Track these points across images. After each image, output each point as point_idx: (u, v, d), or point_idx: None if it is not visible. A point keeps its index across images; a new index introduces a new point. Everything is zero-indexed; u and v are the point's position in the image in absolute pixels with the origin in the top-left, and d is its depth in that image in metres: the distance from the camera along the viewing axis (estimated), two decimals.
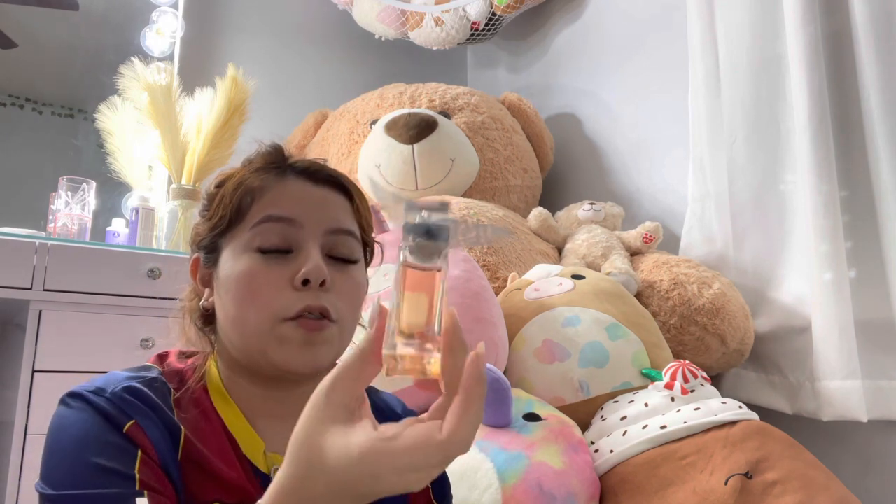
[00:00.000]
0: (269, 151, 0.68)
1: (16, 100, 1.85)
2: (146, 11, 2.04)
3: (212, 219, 0.65)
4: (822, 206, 1.35)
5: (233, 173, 0.67)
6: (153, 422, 0.56)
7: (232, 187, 0.64)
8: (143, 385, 0.59)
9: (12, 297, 1.28)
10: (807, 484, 0.88)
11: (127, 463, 0.54)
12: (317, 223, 0.63)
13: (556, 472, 0.91)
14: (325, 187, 0.66)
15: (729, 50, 1.57)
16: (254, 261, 0.61)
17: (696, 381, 1.04)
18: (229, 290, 0.61)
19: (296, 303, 0.59)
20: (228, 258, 0.63)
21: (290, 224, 0.62)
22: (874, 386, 1.32)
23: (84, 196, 1.67)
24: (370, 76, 2.35)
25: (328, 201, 0.66)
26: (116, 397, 0.56)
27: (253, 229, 0.62)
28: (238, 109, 1.82)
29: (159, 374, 0.62)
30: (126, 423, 0.55)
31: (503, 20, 2.20)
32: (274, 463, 0.62)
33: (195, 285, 0.68)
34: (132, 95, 1.80)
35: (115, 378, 0.59)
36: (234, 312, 0.61)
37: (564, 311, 1.20)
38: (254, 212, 0.63)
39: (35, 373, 1.27)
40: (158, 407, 0.58)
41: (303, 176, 0.66)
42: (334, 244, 0.64)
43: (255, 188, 0.64)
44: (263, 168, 0.66)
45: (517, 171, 1.90)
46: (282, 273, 0.60)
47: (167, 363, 0.65)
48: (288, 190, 0.64)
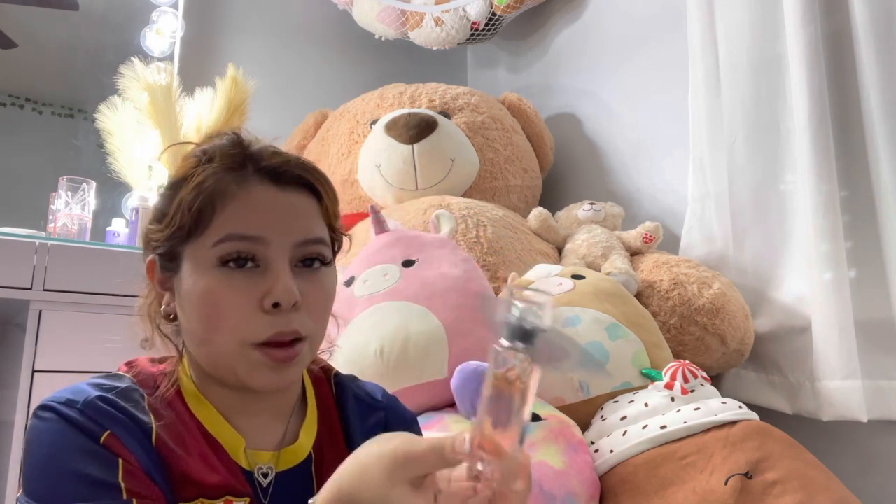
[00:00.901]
0: (228, 148, 0.62)
1: (16, 100, 1.85)
2: (146, 11, 2.03)
3: (169, 226, 0.60)
4: (822, 206, 1.35)
5: (188, 172, 0.61)
6: (128, 430, 0.56)
7: (191, 194, 0.59)
8: (114, 395, 0.57)
9: (12, 297, 1.28)
10: (807, 484, 0.88)
11: (110, 473, 0.53)
12: (284, 237, 0.59)
13: (556, 472, 0.91)
14: (292, 191, 0.62)
15: (729, 50, 1.57)
16: (217, 279, 0.57)
17: (696, 381, 1.04)
18: (193, 307, 0.59)
19: (265, 328, 0.57)
20: (190, 272, 0.59)
21: (256, 242, 0.58)
22: (874, 386, 1.32)
23: (84, 196, 1.67)
24: (370, 76, 2.35)
25: (296, 210, 0.61)
26: (89, 408, 0.55)
27: (216, 247, 0.58)
28: (238, 109, 1.82)
29: (130, 381, 0.61)
30: (101, 434, 0.54)
31: (503, 20, 2.20)
32: (256, 460, 0.62)
33: (153, 288, 0.64)
34: (132, 95, 1.80)
35: (84, 389, 0.57)
36: (200, 333, 0.59)
37: (564, 311, 1.20)
38: (216, 224, 0.58)
39: (35, 373, 1.27)
40: (131, 415, 0.57)
41: (267, 178, 0.61)
42: (304, 254, 0.61)
43: (215, 195, 0.59)
44: (223, 169, 0.60)
45: (517, 171, 1.89)
46: (248, 292, 0.57)
47: (138, 369, 0.63)
48: (251, 200, 0.59)
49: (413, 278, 1.13)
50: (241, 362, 0.58)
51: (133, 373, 0.62)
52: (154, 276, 0.63)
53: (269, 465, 0.62)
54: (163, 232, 0.61)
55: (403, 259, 1.18)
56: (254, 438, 0.62)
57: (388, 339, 1.05)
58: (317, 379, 0.71)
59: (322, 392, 0.71)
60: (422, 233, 1.28)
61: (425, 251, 1.19)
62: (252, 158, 0.62)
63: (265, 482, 0.61)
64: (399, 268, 1.16)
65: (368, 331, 1.07)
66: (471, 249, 1.42)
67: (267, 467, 0.62)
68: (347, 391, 0.72)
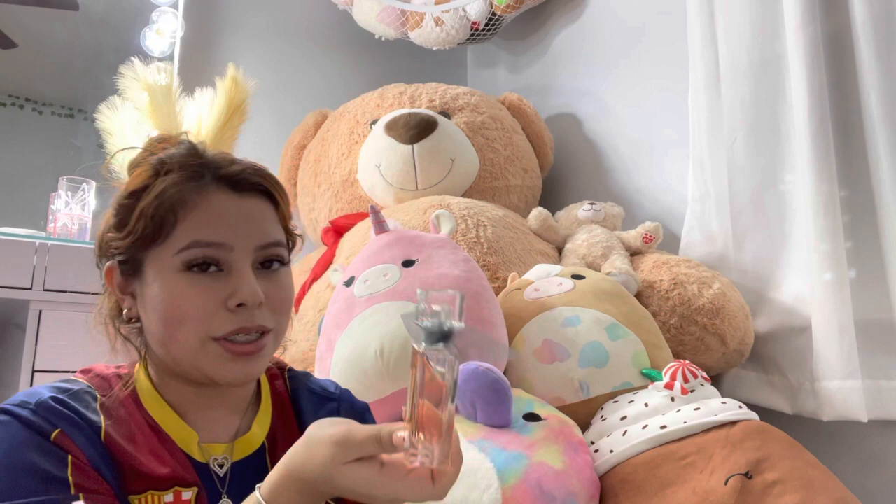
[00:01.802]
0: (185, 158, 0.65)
1: (16, 100, 1.85)
2: (146, 11, 2.04)
3: (131, 234, 0.63)
4: (822, 206, 1.35)
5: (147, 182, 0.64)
6: (78, 428, 0.58)
7: (151, 203, 0.62)
8: (66, 397, 0.60)
9: (12, 297, 1.29)
10: (807, 484, 0.88)
11: (60, 468, 0.55)
12: (246, 242, 0.63)
13: (556, 472, 0.91)
14: (250, 198, 0.65)
15: (729, 50, 1.57)
16: (183, 283, 0.61)
17: (696, 381, 1.04)
18: (157, 310, 0.61)
19: (228, 324, 0.61)
20: (154, 278, 0.62)
21: (220, 248, 0.61)
22: (874, 386, 1.32)
23: (84, 196, 1.67)
24: (370, 76, 2.35)
25: (254, 215, 0.65)
26: (41, 408, 0.58)
27: (180, 254, 0.61)
28: (238, 109, 1.82)
29: (86, 384, 0.64)
30: (52, 431, 0.57)
31: (503, 20, 2.20)
32: (210, 453, 0.65)
33: (112, 292, 0.67)
34: (132, 95, 1.79)
35: (38, 392, 0.60)
36: (162, 332, 0.62)
37: (564, 311, 1.20)
38: (178, 233, 0.61)
39: (35, 373, 1.27)
40: (82, 414, 0.59)
41: (226, 186, 0.64)
42: (265, 256, 0.65)
43: (176, 204, 0.62)
44: (182, 179, 0.63)
45: (517, 171, 1.89)
46: (214, 294, 0.60)
47: (93, 374, 0.66)
48: (213, 208, 0.63)
49: (413, 278, 1.13)
50: (204, 357, 0.61)
51: (88, 377, 0.65)
52: (113, 281, 0.66)
53: (224, 455, 0.65)
54: (123, 240, 0.63)
55: (403, 259, 1.18)
56: (209, 432, 0.66)
57: (389, 339, 1.05)
58: (272, 374, 0.76)
59: (277, 386, 0.75)
60: (422, 233, 1.28)
61: (425, 251, 1.19)
62: (210, 167, 0.65)
63: (221, 472, 0.65)
64: (399, 268, 1.16)
65: (369, 331, 1.07)
66: (471, 249, 1.42)
67: (222, 458, 0.65)
68: (301, 385, 0.76)
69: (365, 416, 0.78)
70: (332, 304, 1.21)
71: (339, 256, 1.57)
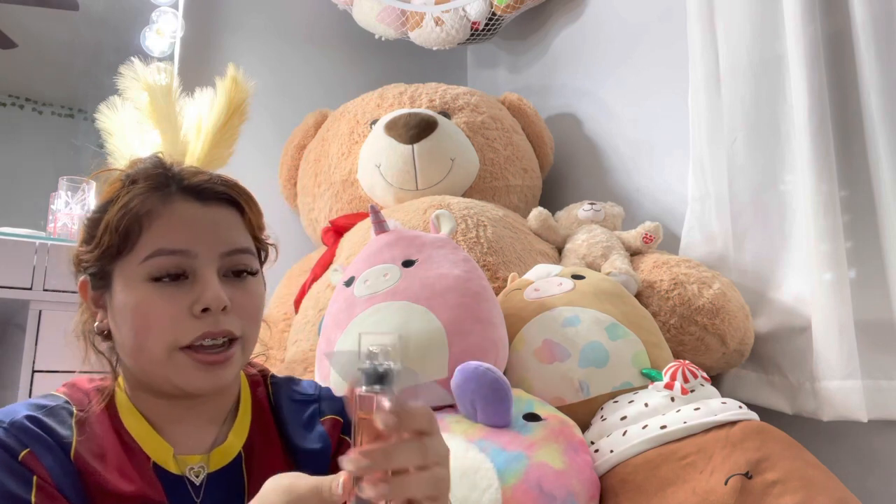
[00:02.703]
0: (151, 170, 0.66)
1: (16, 100, 1.85)
2: (146, 11, 2.03)
3: (98, 247, 0.63)
4: (822, 206, 1.35)
5: (114, 196, 0.65)
6: (48, 448, 0.58)
7: (117, 215, 0.62)
8: (42, 414, 0.61)
9: (12, 297, 1.29)
10: (807, 484, 0.88)
11: (24, 489, 0.56)
12: (210, 249, 0.63)
13: (556, 472, 0.91)
14: (214, 206, 0.66)
15: (729, 50, 1.57)
16: (149, 291, 0.61)
17: (696, 381, 1.04)
18: (125, 320, 0.62)
19: (193, 330, 0.61)
20: (122, 288, 0.62)
21: (184, 255, 0.62)
22: (874, 386, 1.32)
23: (84, 196, 1.67)
24: (370, 76, 2.35)
25: (219, 223, 0.65)
26: (14, 427, 0.58)
27: (145, 262, 0.61)
28: (238, 109, 1.82)
29: (64, 400, 0.64)
30: (21, 451, 0.57)
31: (503, 20, 2.20)
32: (186, 464, 0.65)
33: (87, 306, 0.68)
34: (132, 95, 1.79)
35: (14, 410, 0.61)
36: (131, 342, 0.62)
37: (564, 311, 1.20)
38: (143, 242, 0.62)
39: (35, 373, 1.27)
40: (54, 433, 0.60)
41: (190, 196, 0.65)
42: (230, 264, 0.65)
43: (141, 215, 0.62)
44: (148, 190, 0.64)
45: (517, 171, 1.89)
46: (180, 301, 0.61)
47: (75, 388, 0.66)
48: (176, 217, 0.63)
49: (413, 278, 1.13)
50: (171, 367, 0.61)
51: (68, 391, 0.66)
52: (87, 295, 0.67)
53: (200, 464, 0.65)
54: (92, 252, 0.64)
55: (403, 259, 1.18)
56: (185, 444, 0.66)
57: None
58: (253, 381, 0.75)
59: (258, 394, 0.74)
60: (422, 233, 1.28)
61: (425, 251, 1.19)
62: (175, 178, 0.66)
63: (198, 481, 0.65)
64: (399, 268, 1.16)
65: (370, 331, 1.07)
66: (471, 249, 1.42)
67: (199, 466, 0.65)
68: (282, 391, 0.76)
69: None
70: (332, 304, 1.21)
71: (339, 256, 1.57)
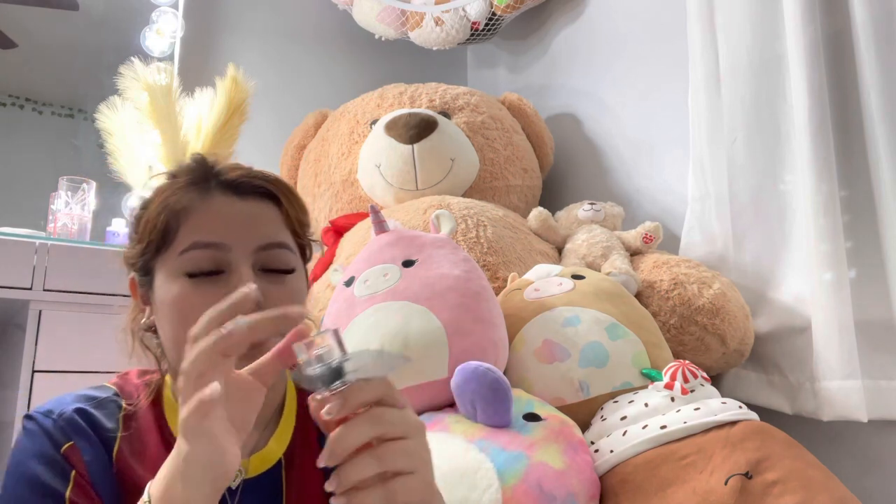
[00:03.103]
0: (192, 166, 0.66)
1: (16, 100, 1.85)
2: (146, 11, 2.03)
3: (140, 242, 0.64)
4: (822, 206, 1.35)
5: (157, 193, 0.65)
6: (91, 443, 0.59)
7: (156, 211, 0.63)
8: (91, 407, 0.61)
9: (12, 297, 1.28)
10: (807, 484, 0.88)
11: (60, 483, 0.56)
12: (246, 243, 0.62)
13: (556, 473, 0.91)
14: (252, 200, 0.65)
15: (729, 50, 1.57)
16: (185, 286, 0.61)
17: (696, 381, 1.04)
18: (164, 314, 0.62)
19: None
20: (162, 283, 0.62)
21: (219, 248, 0.61)
22: (874, 386, 1.32)
23: (84, 196, 1.67)
24: (370, 76, 2.35)
25: (256, 217, 0.64)
26: (62, 419, 0.59)
27: (181, 256, 0.61)
28: (238, 109, 1.82)
29: (114, 392, 0.64)
30: (64, 444, 0.58)
31: (503, 20, 2.20)
32: None
33: (137, 303, 0.68)
34: (132, 95, 1.79)
35: (65, 400, 0.61)
36: (171, 336, 0.62)
37: (564, 311, 1.20)
38: (181, 236, 0.62)
39: (35, 373, 1.27)
40: (100, 427, 0.60)
41: (228, 190, 0.64)
42: (267, 259, 0.63)
43: (179, 210, 0.62)
44: (187, 185, 0.64)
45: (517, 171, 1.89)
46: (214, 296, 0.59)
47: (126, 381, 0.67)
48: (213, 210, 0.63)
49: (413, 278, 1.13)
50: None
51: (120, 384, 0.66)
52: (136, 291, 0.68)
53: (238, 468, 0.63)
54: (135, 249, 0.65)
55: (403, 259, 1.18)
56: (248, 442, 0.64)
57: (389, 339, 1.05)
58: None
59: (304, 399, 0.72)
60: (422, 233, 1.28)
61: (425, 251, 1.19)
62: (213, 173, 0.65)
63: (234, 485, 0.64)
64: (399, 268, 1.16)
65: (369, 331, 1.07)
66: (471, 249, 1.42)
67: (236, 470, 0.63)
68: None
69: None
70: (332, 304, 1.21)
71: (339, 256, 1.57)
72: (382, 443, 0.46)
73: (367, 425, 0.45)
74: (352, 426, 0.45)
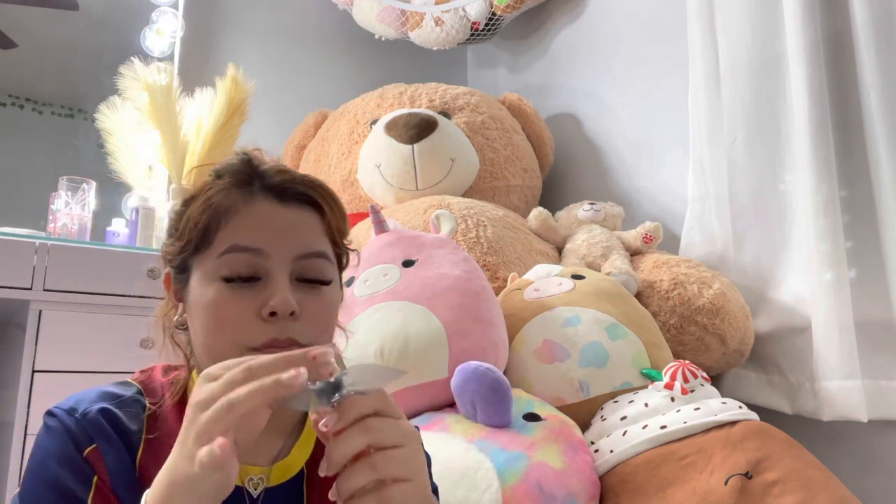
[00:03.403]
0: (237, 167, 0.65)
1: (16, 100, 1.85)
2: (146, 11, 2.03)
3: (180, 240, 0.63)
4: (822, 206, 1.35)
5: (199, 191, 0.64)
6: (114, 446, 0.58)
7: (198, 209, 0.62)
8: (115, 406, 0.60)
9: (12, 297, 1.28)
10: (807, 484, 0.88)
11: (82, 489, 0.55)
12: (284, 250, 0.61)
13: (556, 473, 0.91)
14: (294, 206, 0.64)
15: (729, 50, 1.57)
16: (221, 290, 0.60)
17: (696, 381, 1.04)
18: (198, 316, 0.61)
19: (262, 334, 0.59)
20: (197, 283, 0.62)
21: (257, 254, 0.60)
22: (874, 386, 1.32)
23: (84, 196, 1.67)
24: (370, 76, 2.35)
25: (296, 225, 0.63)
26: (86, 420, 0.58)
27: (219, 258, 0.60)
28: (238, 109, 1.82)
29: (137, 390, 0.63)
30: (87, 446, 0.57)
31: (503, 20, 2.20)
32: (247, 473, 0.63)
33: (170, 297, 0.67)
34: (132, 95, 1.80)
35: (89, 397, 0.60)
36: (202, 339, 0.61)
37: (564, 311, 1.20)
38: (220, 237, 0.61)
39: (35, 373, 1.27)
40: (125, 429, 0.59)
41: (271, 195, 0.63)
42: (304, 268, 0.62)
43: (220, 211, 0.62)
44: (230, 186, 0.63)
45: (517, 171, 1.90)
46: (249, 303, 0.59)
47: (151, 378, 0.65)
48: (254, 214, 0.62)
49: (413, 278, 1.13)
50: None
51: (144, 381, 0.65)
52: (170, 287, 0.67)
53: (260, 476, 0.63)
54: (174, 246, 0.64)
55: (403, 259, 1.18)
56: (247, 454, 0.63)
57: (389, 339, 1.05)
58: None
59: None
60: (422, 233, 1.28)
61: (425, 251, 1.19)
62: (259, 176, 0.64)
63: (255, 493, 0.63)
64: (399, 268, 1.16)
65: (369, 331, 1.07)
66: (471, 249, 1.42)
67: (258, 478, 0.63)
68: None
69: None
70: None
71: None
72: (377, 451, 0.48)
73: (360, 435, 0.47)
74: (346, 436, 0.47)
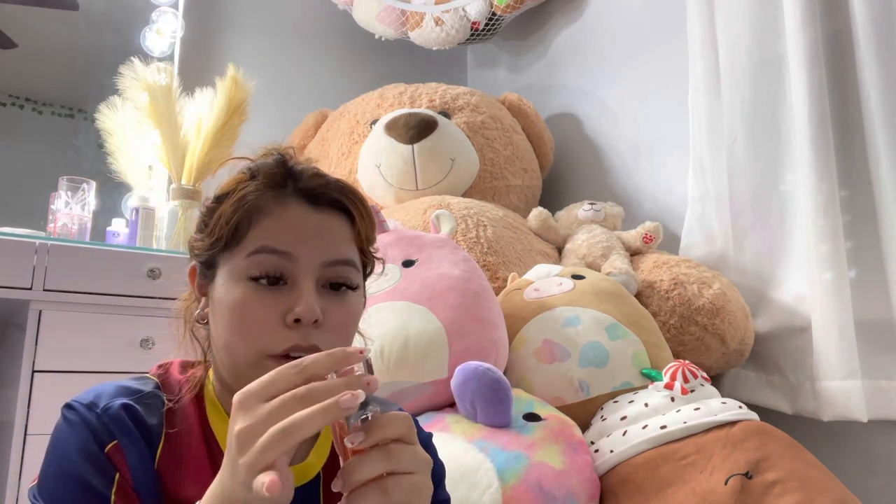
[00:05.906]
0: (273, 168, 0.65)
1: (16, 100, 1.85)
2: (146, 11, 2.03)
3: (210, 236, 0.63)
4: (822, 206, 1.35)
5: (233, 187, 0.64)
6: (136, 443, 0.58)
7: (231, 207, 0.62)
8: (134, 402, 0.60)
9: (12, 297, 1.28)
10: (807, 484, 0.88)
11: (105, 485, 0.55)
12: (313, 256, 0.61)
13: (556, 472, 0.91)
14: (326, 212, 0.64)
15: (729, 50, 1.57)
16: (247, 291, 0.60)
17: (696, 381, 1.04)
18: (223, 315, 0.61)
19: (284, 341, 0.58)
20: (223, 281, 0.62)
21: (286, 257, 0.60)
22: (874, 386, 1.32)
23: (84, 196, 1.67)
24: (370, 76, 2.35)
25: (327, 230, 0.63)
26: (106, 415, 0.57)
27: (248, 258, 0.60)
28: (238, 109, 1.82)
29: (155, 386, 0.63)
30: (109, 442, 0.56)
31: (503, 20, 2.20)
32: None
33: (193, 291, 0.67)
34: (132, 95, 1.80)
35: (108, 391, 0.60)
36: (225, 339, 0.61)
37: (564, 311, 1.20)
38: (251, 237, 0.61)
39: (35, 373, 1.27)
40: (145, 425, 0.59)
41: (303, 199, 0.63)
42: (331, 275, 0.62)
43: (252, 211, 0.62)
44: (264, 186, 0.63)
45: (517, 171, 1.90)
46: (274, 307, 0.59)
47: (168, 374, 0.65)
48: (286, 217, 0.62)
49: (413, 278, 1.13)
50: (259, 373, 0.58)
51: (162, 376, 0.65)
52: (195, 281, 0.67)
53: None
54: (204, 241, 0.64)
55: (403, 259, 1.18)
56: None
57: (389, 339, 1.05)
58: None
59: None
60: (422, 233, 1.28)
61: (425, 251, 1.19)
62: (293, 178, 0.64)
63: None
64: (399, 268, 1.16)
65: (369, 331, 1.07)
66: (471, 249, 1.42)
67: None
68: None
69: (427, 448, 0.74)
70: None
71: None
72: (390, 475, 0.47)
73: (381, 461, 0.47)
74: (367, 460, 0.47)
